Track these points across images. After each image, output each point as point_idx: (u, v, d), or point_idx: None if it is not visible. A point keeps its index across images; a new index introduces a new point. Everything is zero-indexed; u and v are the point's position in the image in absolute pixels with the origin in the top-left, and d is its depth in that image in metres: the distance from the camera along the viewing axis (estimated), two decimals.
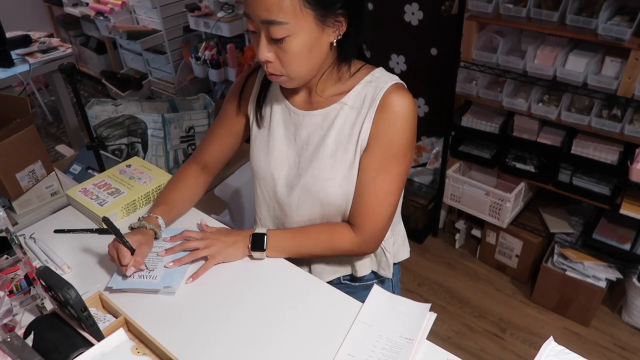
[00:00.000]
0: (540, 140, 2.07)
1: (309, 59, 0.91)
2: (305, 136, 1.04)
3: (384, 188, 0.98)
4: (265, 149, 1.09)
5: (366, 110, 0.97)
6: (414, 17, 2.40)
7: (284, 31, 0.86)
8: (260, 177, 1.11)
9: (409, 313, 0.93)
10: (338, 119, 1.00)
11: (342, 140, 1.00)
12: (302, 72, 0.93)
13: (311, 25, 0.87)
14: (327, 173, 1.01)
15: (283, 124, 1.07)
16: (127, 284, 1.01)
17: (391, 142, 0.96)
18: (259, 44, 0.90)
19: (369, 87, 0.98)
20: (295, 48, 0.88)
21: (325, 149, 1.01)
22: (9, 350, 0.79)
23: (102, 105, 2.66)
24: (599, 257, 2.06)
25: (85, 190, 1.27)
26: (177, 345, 0.89)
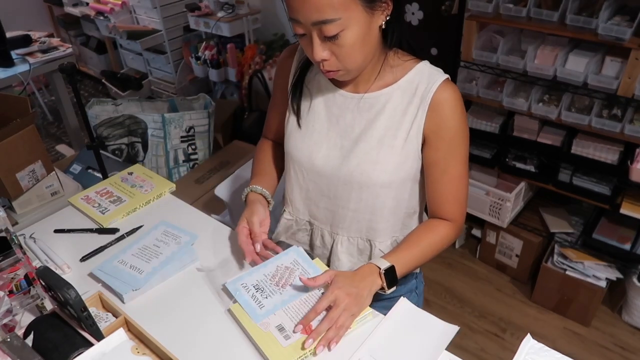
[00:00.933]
0: (540, 140, 2.07)
1: (364, 47, 0.91)
2: (350, 119, 1.03)
3: (457, 174, 1.03)
4: (304, 130, 1.07)
5: (418, 102, 0.98)
6: (414, 17, 2.40)
7: (337, 27, 0.85)
8: (294, 158, 1.09)
9: (431, 334, 0.91)
10: (389, 104, 1.00)
11: (392, 125, 1.00)
12: (359, 62, 0.93)
13: (361, 13, 0.86)
14: (373, 157, 1.01)
15: (325, 105, 1.06)
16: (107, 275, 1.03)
17: (452, 133, 0.99)
18: (311, 46, 0.89)
19: (421, 78, 0.99)
20: (350, 40, 0.87)
21: (373, 133, 1.01)
22: (9, 350, 0.79)
23: (102, 105, 2.66)
24: (599, 256, 2.06)
25: (88, 198, 1.28)
26: (177, 345, 0.89)
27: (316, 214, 1.13)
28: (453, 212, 1.06)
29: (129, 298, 1.00)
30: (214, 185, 2.39)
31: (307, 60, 1.07)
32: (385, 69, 1.00)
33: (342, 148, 1.04)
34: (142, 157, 2.62)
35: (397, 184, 1.04)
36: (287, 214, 1.18)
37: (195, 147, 2.68)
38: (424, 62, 1.01)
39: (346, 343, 0.90)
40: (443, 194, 1.04)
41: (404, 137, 0.99)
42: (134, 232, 1.18)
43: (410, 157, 1.01)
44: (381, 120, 1.00)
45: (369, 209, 1.06)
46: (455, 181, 1.03)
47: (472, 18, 1.98)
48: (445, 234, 1.06)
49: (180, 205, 1.29)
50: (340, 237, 1.12)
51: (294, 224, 1.18)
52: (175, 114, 2.57)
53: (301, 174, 1.10)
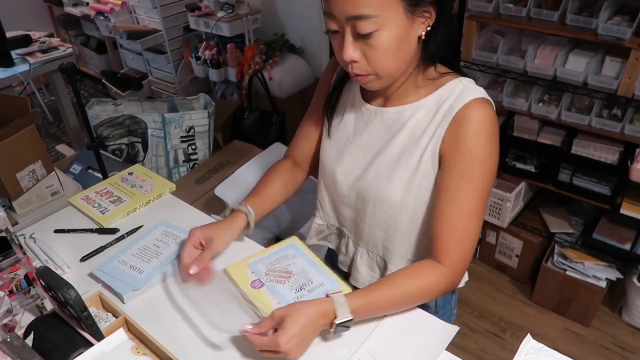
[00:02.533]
0: (540, 140, 2.07)
1: (398, 54, 0.84)
2: (373, 133, 1.00)
3: (466, 208, 0.88)
4: (333, 140, 1.07)
5: (440, 119, 0.90)
6: None
7: (372, 25, 0.80)
8: (323, 166, 1.10)
9: (432, 334, 0.91)
10: (410, 121, 0.94)
11: (411, 143, 0.94)
12: (390, 69, 0.86)
13: (401, 16, 0.81)
14: (388, 174, 0.96)
15: (354, 117, 1.04)
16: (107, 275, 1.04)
17: (469, 158, 0.87)
18: (342, 44, 0.84)
19: (451, 95, 0.90)
20: (385, 43, 0.82)
21: (391, 149, 0.96)
22: (9, 350, 0.79)
23: (102, 105, 2.66)
24: (599, 257, 2.06)
25: (88, 198, 1.28)
26: (177, 345, 0.89)
27: (343, 222, 1.13)
28: (450, 256, 0.90)
29: (129, 298, 1.00)
30: (214, 185, 2.39)
31: (344, 73, 1.04)
32: (417, 82, 0.94)
33: (362, 162, 1.02)
34: (142, 157, 2.62)
35: (411, 205, 0.96)
36: (318, 218, 1.17)
37: (195, 147, 2.68)
38: (460, 79, 0.92)
39: (346, 343, 0.90)
40: (446, 230, 0.90)
41: (419, 156, 0.92)
42: (134, 232, 1.18)
43: (426, 178, 0.93)
44: (401, 137, 0.95)
45: (382, 227, 1.02)
46: (463, 216, 0.89)
47: (472, 18, 1.98)
48: (434, 283, 0.90)
49: (180, 205, 1.29)
50: (361, 250, 1.10)
51: (325, 229, 1.18)
52: (175, 114, 2.57)
53: (328, 182, 1.10)
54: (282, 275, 1.01)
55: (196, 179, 2.49)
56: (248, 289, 0.98)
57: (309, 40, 3.23)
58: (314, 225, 1.19)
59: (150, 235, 1.15)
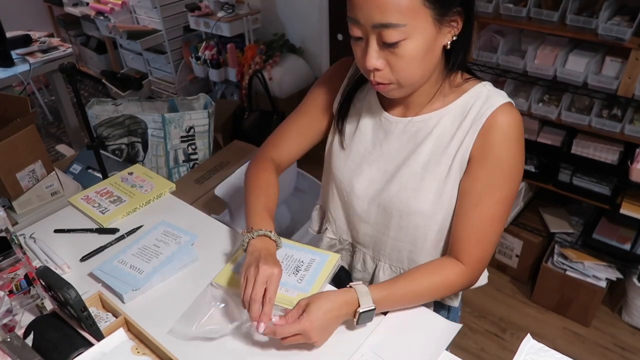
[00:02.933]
0: (540, 140, 2.07)
1: (423, 63, 0.82)
2: (395, 144, 0.97)
3: (489, 213, 0.90)
4: (347, 151, 1.02)
5: (468, 125, 0.89)
6: None
7: (399, 34, 0.77)
8: (336, 178, 1.04)
9: (434, 332, 0.91)
10: (437, 129, 0.92)
11: (438, 151, 0.92)
12: (414, 78, 0.84)
13: (429, 25, 0.79)
14: (415, 184, 0.93)
15: (372, 128, 0.99)
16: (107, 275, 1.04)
17: (496, 163, 0.88)
18: (366, 51, 0.81)
19: (477, 100, 0.89)
20: (411, 52, 0.79)
21: (418, 158, 0.93)
22: (9, 350, 0.79)
23: (102, 105, 2.66)
24: (599, 257, 2.06)
25: (88, 198, 1.28)
26: (177, 345, 0.89)
27: (357, 237, 1.08)
28: (470, 256, 0.92)
29: (129, 298, 1.00)
30: (214, 185, 2.39)
31: (359, 78, 1.01)
32: (440, 90, 0.92)
33: (385, 173, 0.98)
34: (142, 157, 2.62)
35: (440, 215, 0.95)
36: (329, 232, 1.13)
37: (195, 147, 2.68)
38: (483, 84, 0.92)
39: (349, 340, 0.90)
40: (466, 231, 0.91)
41: (449, 164, 0.91)
42: (134, 232, 1.18)
43: (455, 185, 0.92)
44: (427, 146, 0.93)
45: (409, 239, 1.00)
46: (486, 220, 0.90)
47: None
48: (453, 280, 0.93)
49: (180, 205, 1.29)
50: (383, 264, 1.07)
51: (337, 243, 1.14)
52: (175, 114, 2.57)
53: (342, 195, 1.05)
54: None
55: (196, 179, 2.49)
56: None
57: (309, 40, 3.23)
58: (325, 240, 1.14)
59: (150, 235, 1.15)
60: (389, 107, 0.98)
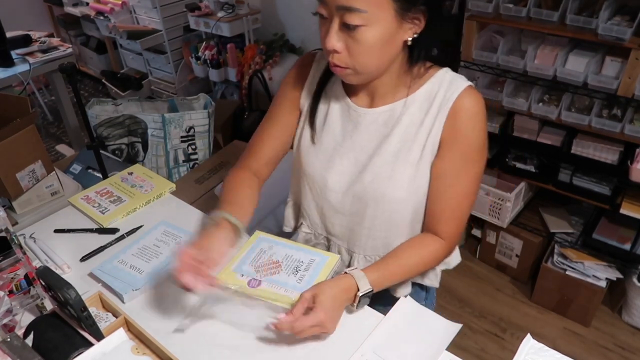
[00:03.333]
0: (540, 140, 2.07)
1: (381, 54, 0.86)
2: (364, 134, 0.99)
3: (463, 191, 0.96)
4: (318, 145, 1.04)
5: (436, 111, 0.92)
6: None
7: (360, 19, 0.81)
8: (308, 174, 1.06)
9: (434, 332, 0.92)
10: (405, 117, 0.95)
11: (407, 139, 0.95)
12: (370, 67, 0.87)
13: (390, 18, 0.82)
14: (388, 172, 0.96)
15: (340, 120, 1.02)
16: (107, 275, 1.04)
17: (466, 145, 0.93)
18: (328, 31, 0.84)
19: (441, 86, 0.93)
20: (369, 40, 0.83)
21: (388, 147, 0.96)
22: (9, 350, 0.79)
23: (102, 105, 2.66)
24: (599, 257, 2.06)
25: (88, 198, 1.28)
26: (177, 345, 0.89)
27: (332, 230, 1.10)
28: (448, 231, 0.99)
29: (129, 298, 1.00)
30: (214, 185, 2.39)
31: (325, 73, 1.03)
32: (404, 81, 0.95)
33: (357, 164, 1.00)
34: (142, 157, 2.62)
35: (414, 199, 0.99)
36: (305, 227, 1.15)
37: (195, 147, 2.68)
38: (444, 70, 0.95)
39: (349, 340, 0.90)
40: (444, 210, 0.98)
41: (420, 150, 0.94)
42: (134, 232, 1.18)
43: (427, 171, 0.96)
44: (397, 134, 0.96)
45: (384, 226, 1.03)
46: (460, 198, 0.96)
47: (472, 18, 1.98)
48: (435, 253, 1.00)
49: (180, 205, 1.29)
50: (357, 256, 1.09)
51: (312, 238, 1.15)
52: (175, 114, 2.57)
53: (315, 190, 1.07)
54: (271, 267, 1.02)
55: (196, 179, 2.49)
56: (249, 290, 0.98)
57: (309, 40, 3.23)
58: (300, 234, 1.16)
59: (150, 235, 1.15)
60: (355, 99, 1.01)
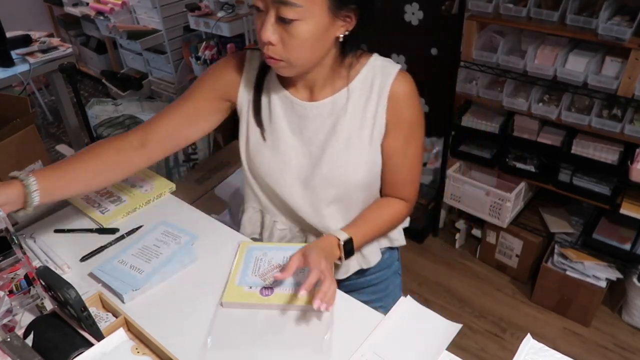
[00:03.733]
0: (540, 140, 2.07)
1: (314, 48, 0.90)
2: (313, 127, 1.03)
3: (414, 158, 1.07)
4: (270, 143, 1.06)
5: (376, 97, 1.00)
6: (414, 17, 2.40)
7: (295, 13, 0.84)
8: (266, 174, 1.08)
9: (435, 332, 0.92)
10: (349, 105, 1.01)
11: (355, 125, 1.01)
12: (303, 60, 0.92)
13: (323, 14, 0.86)
14: (344, 159, 1.02)
15: (285, 117, 1.04)
16: (107, 275, 1.03)
17: (410, 122, 1.02)
18: (263, 24, 0.87)
19: (375, 74, 1.00)
20: (303, 34, 0.87)
21: (339, 136, 1.01)
22: (9, 350, 0.79)
23: (102, 105, 2.67)
24: (599, 257, 2.06)
25: (88, 198, 1.28)
26: (177, 345, 0.89)
27: (301, 221, 1.13)
28: (408, 193, 1.11)
29: (129, 298, 1.00)
30: (214, 185, 2.39)
31: (262, 69, 1.05)
32: (338, 73, 1.00)
33: (311, 156, 1.04)
34: None
35: (370, 178, 1.06)
36: (280, 224, 1.17)
37: (195, 147, 2.68)
38: (375, 56, 1.03)
39: (349, 340, 0.90)
40: (400, 179, 1.09)
41: (369, 133, 1.01)
42: (134, 232, 1.18)
43: (379, 151, 1.04)
44: (344, 122, 1.01)
45: (346, 208, 1.09)
46: (412, 165, 1.08)
47: (472, 18, 1.98)
48: (400, 211, 1.11)
49: (180, 205, 1.29)
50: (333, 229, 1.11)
51: (288, 232, 1.17)
52: None
53: (271, 189, 1.09)
54: (276, 271, 1.01)
55: (196, 179, 2.49)
56: (264, 300, 0.96)
57: None
58: (276, 232, 1.17)
59: (150, 235, 1.15)
60: (295, 93, 1.04)
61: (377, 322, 0.93)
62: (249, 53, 1.07)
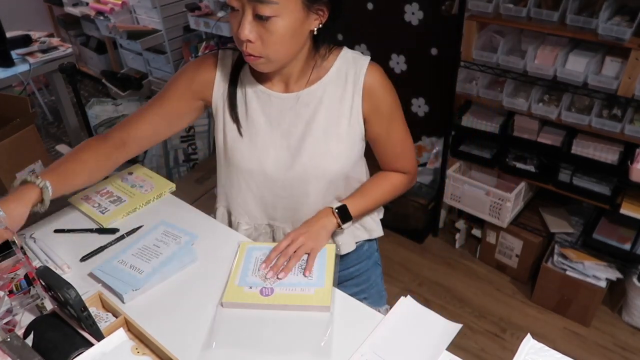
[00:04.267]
0: (540, 140, 2.07)
1: (291, 43, 0.93)
2: (290, 119, 1.05)
3: (401, 135, 1.13)
4: (247, 139, 1.08)
5: (352, 88, 1.04)
6: (414, 17, 2.40)
7: (271, 10, 0.87)
8: (244, 169, 1.09)
9: (435, 332, 0.92)
10: (325, 96, 1.04)
11: (332, 115, 1.05)
12: (282, 55, 0.95)
13: (298, 9, 0.90)
14: (323, 149, 1.05)
15: (261, 110, 1.06)
16: (107, 275, 1.04)
17: (389, 107, 1.08)
18: (240, 22, 0.90)
19: (348, 65, 1.04)
20: (280, 30, 0.90)
21: (317, 126, 1.04)
22: (9, 350, 0.79)
23: (102, 105, 2.67)
24: (599, 257, 2.06)
25: (88, 198, 1.28)
26: (177, 345, 0.89)
27: (275, 215, 1.15)
28: (404, 166, 1.16)
29: (129, 298, 1.00)
30: (214, 186, 2.39)
31: (235, 66, 1.08)
32: (312, 65, 1.04)
33: (290, 148, 1.06)
34: (142, 157, 2.63)
35: (348, 167, 1.09)
36: (244, 224, 1.18)
37: (195, 147, 2.68)
38: (345, 49, 1.07)
39: (349, 340, 0.90)
40: (392, 154, 1.14)
41: (347, 123, 1.05)
42: (134, 232, 1.18)
43: (356, 141, 1.07)
44: (321, 113, 1.04)
45: (326, 198, 1.12)
46: (401, 141, 1.13)
47: (472, 18, 1.98)
48: (399, 181, 1.17)
49: (180, 205, 1.29)
50: None
51: (253, 231, 1.18)
52: None
53: (253, 183, 1.11)
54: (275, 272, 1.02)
55: (196, 179, 2.49)
56: (264, 300, 0.96)
57: None
58: (240, 232, 1.17)
59: (150, 235, 1.15)
60: (271, 87, 1.06)
61: (377, 322, 0.93)
62: (221, 52, 1.10)
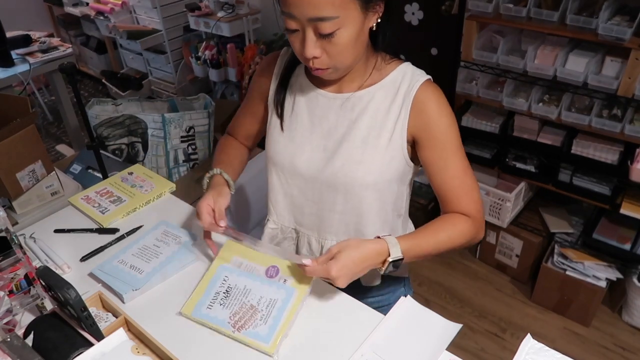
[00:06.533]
0: (540, 140, 2.07)
1: (356, 47, 0.91)
2: (333, 120, 1.02)
3: (460, 168, 1.00)
4: (287, 133, 1.06)
5: (401, 101, 0.98)
6: (414, 17, 2.40)
7: (333, 26, 0.84)
8: (277, 163, 1.07)
9: (435, 332, 0.92)
10: (372, 104, 1.00)
11: (376, 125, 0.99)
12: (349, 61, 0.93)
13: (357, 13, 0.87)
14: (358, 157, 1.00)
15: (307, 107, 1.05)
16: (107, 275, 1.04)
17: (442, 131, 0.98)
18: (304, 42, 0.88)
19: (403, 77, 1.00)
20: (345, 40, 0.87)
21: (357, 133, 1.00)
22: (9, 350, 0.79)
23: (102, 105, 2.66)
24: (599, 257, 2.06)
25: (88, 198, 1.28)
26: (177, 345, 0.89)
27: (302, 220, 1.11)
28: (467, 206, 1.01)
29: (129, 298, 1.00)
30: None
31: (290, 63, 1.08)
32: (368, 69, 1.01)
33: (326, 150, 1.02)
34: (142, 157, 2.62)
35: (382, 184, 1.02)
36: (271, 222, 1.15)
37: (195, 147, 2.68)
38: (406, 64, 1.02)
39: (349, 340, 0.90)
40: (451, 191, 1.01)
41: (388, 136, 0.99)
42: (134, 232, 1.18)
43: (395, 157, 1.00)
44: (364, 120, 1.00)
45: (355, 211, 1.04)
46: (460, 176, 1.00)
47: (472, 18, 1.98)
48: (465, 228, 1.01)
49: (180, 205, 1.29)
50: (329, 242, 1.09)
51: (279, 233, 1.15)
52: (175, 114, 2.57)
53: (284, 179, 1.08)
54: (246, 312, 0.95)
55: (196, 179, 2.49)
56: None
57: None
58: (266, 230, 1.16)
59: (150, 235, 1.15)
60: (322, 86, 1.04)
61: (377, 322, 0.93)
62: (284, 50, 1.10)
